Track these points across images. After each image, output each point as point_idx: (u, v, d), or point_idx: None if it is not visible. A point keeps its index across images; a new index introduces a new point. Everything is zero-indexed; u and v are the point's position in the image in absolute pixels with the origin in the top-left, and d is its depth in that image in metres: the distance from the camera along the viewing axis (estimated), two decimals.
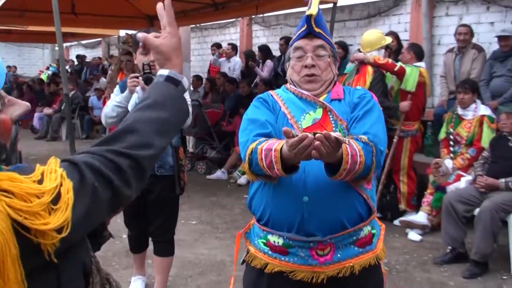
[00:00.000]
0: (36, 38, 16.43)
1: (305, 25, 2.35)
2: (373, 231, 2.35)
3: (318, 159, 1.94)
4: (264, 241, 2.31)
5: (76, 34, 15.00)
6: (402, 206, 6.38)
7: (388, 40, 6.33)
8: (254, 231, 2.39)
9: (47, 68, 20.16)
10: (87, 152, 1.34)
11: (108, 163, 1.31)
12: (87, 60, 18.02)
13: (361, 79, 6.02)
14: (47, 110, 14.18)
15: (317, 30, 2.34)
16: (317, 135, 1.85)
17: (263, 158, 2.08)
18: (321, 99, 2.34)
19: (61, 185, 1.20)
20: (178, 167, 3.94)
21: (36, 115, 14.77)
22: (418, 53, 6.46)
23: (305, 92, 2.35)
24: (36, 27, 12.36)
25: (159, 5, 1.58)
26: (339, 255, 2.23)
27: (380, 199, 6.31)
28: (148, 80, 3.67)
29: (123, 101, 3.81)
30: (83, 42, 20.14)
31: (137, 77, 3.71)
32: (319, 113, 2.31)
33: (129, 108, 3.84)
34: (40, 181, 1.20)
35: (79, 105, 13.80)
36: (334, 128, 2.24)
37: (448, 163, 5.87)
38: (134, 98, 3.76)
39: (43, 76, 18.54)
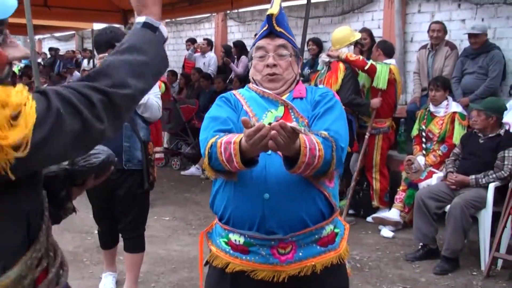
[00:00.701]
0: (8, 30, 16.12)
1: (267, 25, 2.36)
2: (336, 230, 2.34)
3: (275, 150, 1.93)
4: (226, 240, 2.29)
5: (49, 26, 14.77)
6: (375, 203, 6.43)
7: (357, 36, 6.35)
8: (216, 230, 2.37)
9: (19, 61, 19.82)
10: (61, 86, 1.35)
11: (79, 96, 1.32)
12: (61, 53, 17.78)
13: (333, 76, 6.05)
14: None
15: (278, 29, 2.35)
16: (272, 124, 1.85)
17: (223, 151, 2.06)
18: (283, 97, 2.35)
19: (25, 104, 1.20)
20: (147, 162, 3.90)
21: None
22: (385, 50, 6.50)
23: (267, 91, 2.36)
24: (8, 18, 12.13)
25: None
26: (300, 254, 2.22)
27: (353, 196, 6.35)
28: None
29: None
30: (56, 35, 19.84)
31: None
32: (281, 111, 2.31)
33: None
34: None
35: None
36: (294, 123, 2.21)
37: (421, 160, 5.92)
38: None
39: (15, 69, 18.23)
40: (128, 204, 3.95)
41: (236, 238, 2.25)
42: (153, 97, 3.92)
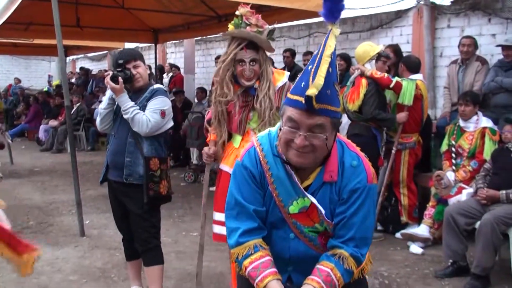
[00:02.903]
0: (41, 51, 16.52)
1: (303, 99, 2.06)
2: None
3: None
4: None
5: (82, 47, 15.10)
6: (404, 218, 6.36)
7: (378, 48, 6.29)
8: None
9: (49, 83, 20.29)
10: None
11: None
12: (93, 72, 18.10)
13: (355, 92, 6.04)
14: (53, 123, 14.26)
15: (317, 107, 2.06)
16: None
17: (247, 274, 2.27)
18: (311, 178, 2.25)
19: None
20: (147, 177, 3.95)
21: (42, 127, 14.84)
22: (409, 65, 6.47)
23: (295, 178, 2.23)
24: (42, 40, 12.44)
25: None
26: None
27: (381, 212, 6.29)
28: (114, 78, 3.91)
29: (104, 100, 4.17)
30: (89, 55, 20.27)
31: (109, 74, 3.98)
32: (307, 202, 2.25)
33: (103, 103, 4.07)
34: None
35: (84, 117, 13.86)
36: (320, 222, 2.28)
37: (450, 175, 5.84)
38: (109, 92, 4.05)
39: (45, 88, 18.62)
40: (136, 218, 4.05)
41: None
42: (149, 112, 3.94)
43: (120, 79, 3.92)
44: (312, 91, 2.00)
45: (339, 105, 2.16)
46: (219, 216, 3.91)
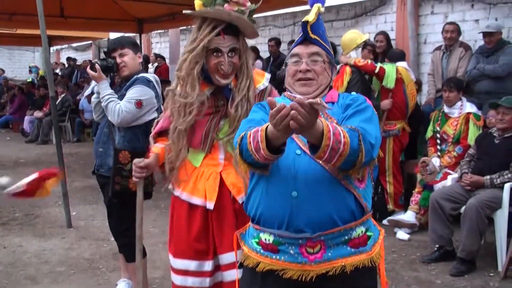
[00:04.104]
0: (25, 41, 16.37)
1: (301, 32, 2.40)
2: (369, 233, 2.30)
3: (298, 131, 1.91)
4: (257, 240, 2.31)
5: (66, 37, 14.99)
6: (390, 206, 6.42)
7: (365, 37, 6.38)
8: (249, 232, 2.40)
9: (30, 71, 20.08)
10: None
11: None
12: (78, 63, 17.98)
13: (339, 80, 6.07)
14: (38, 114, 14.13)
15: (313, 36, 2.39)
16: (290, 103, 1.84)
17: (251, 140, 2.07)
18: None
19: None
20: (114, 170, 3.77)
21: (27, 118, 14.73)
22: (391, 56, 6.62)
23: (300, 96, 2.23)
24: (25, 30, 12.33)
25: None
26: (330, 254, 2.20)
27: None
28: (92, 66, 3.87)
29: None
30: (74, 45, 20.10)
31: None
32: None
33: (88, 90, 4.02)
34: None
35: (69, 108, 13.79)
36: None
37: (436, 161, 5.89)
38: (94, 82, 3.99)
39: (29, 79, 18.47)
40: (110, 209, 4.02)
41: (266, 237, 2.26)
42: (124, 102, 3.80)
43: (97, 66, 3.85)
44: (308, 17, 2.35)
45: (330, 48, 2.47)
46: (181, 263, 3.00)
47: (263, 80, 3.04)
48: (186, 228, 2.98)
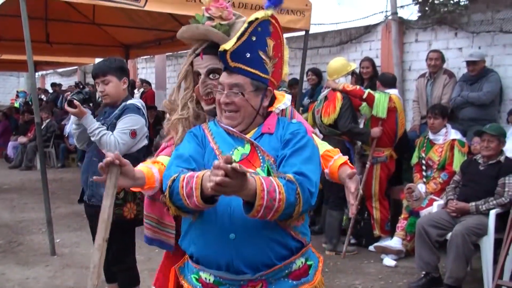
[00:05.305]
0: (10, 66, 16.31)
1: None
2: (309, 263, 2.27)
3: (222, 193, 1.86)
4: (197, 277, 2.25)
5: (51, 62, 14.94)
6: (377, 232, 6.41)
7: (353, 66, 6.47)
8: (188, 266, 2.32)
9: (17, 96, 19.98)
10: None
11: None
12: (63, 88, 17.91)
13: (331, 105, 6.12)
14: (22, 139, 14.01)
15: (233, 65, 2.23)
16: (214, 165, 1.77)
17: (184, 185, 2.01)
18: (250, 133, 2.27)
19: None
20: None
21: (10, 144, 14.57)
22: (383, 80, 6.60)
23: (231, 128, 2.27)
24: (11, 55, 12.30)
25: None
26: None
27: (354, 226, 6.34)
28: (70, 103, 3.83)
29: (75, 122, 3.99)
30: (59, 70, 20.06)
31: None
32: (247, 148, 2.23)
33: (69, 127, 3.98)
34: None
35: (54, 134, 13.69)
36: (262, 164, 2.18)
37: (421, 187, 5.92)
38: (72, 118, 3.97)
39: (16, 104, 18.36)
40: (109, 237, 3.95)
41: (206, 276, 2.20)
42: (117, 133, 3.79)
43: (76, 102, 3.78)
44: (224, 45, 2.22)
45: (266, 72, 2.28)
46: None
47: (284, 99, 2.65)
48: None
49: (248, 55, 2.23)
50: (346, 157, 2.56)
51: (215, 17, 2.45)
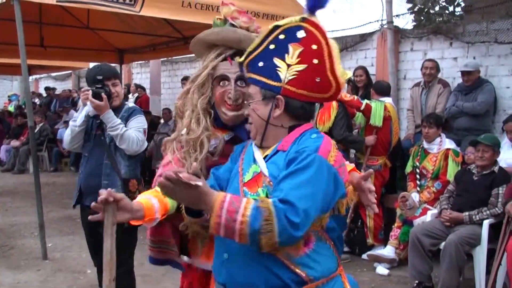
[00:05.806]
0: (3, 70, 16.26)
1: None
2: None
3: (169, 196, 1.88)
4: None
5: (45, 66, 14.91)
6: (370, 240, 6.40)
7: (349, 74, 6.44)
8: None
9: (9, 100, 19.92)
10: None
11: None
12: (57, 92, 17.87)
13: (326, 113, 6.11)
14: (14, 143, 13.98)
15: (248, 75, 2.17)
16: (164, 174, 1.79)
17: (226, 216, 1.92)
18: (269, 150, 2.14)
19: None
20: None
21: (3, 147, 14.54)
22: (377, 89, 6.62)
23: (255, 149, 2.20)
24: (4, 59, 12.24)
25: None
26: None
27: (347, 234, 6.33)
28: (97, 95, 3.78)
29: (78, 117, 3.96)
30: (53, 74, 20.03)
31: (88, 91, 3.84)
32: (258, 167, 2.14)
33: (79, 120, 3.90)
34: None
35: (47, 138, 13.65)
36: (263, 185, 2.06)
37: (415, 196, 5.92)
38: (85, 110, 3.88)
39: (10, 108, 18.30)
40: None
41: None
42: (134, 131, 3.90)
43: (103, 95, 3.80)
44: (238, 59, 2.20)
45: (278, 79, 2.08)
46: None
47: None
48: None
49: (261, 63, 2.11)
50: (352, 165, 2.55)
51: (242, 28, 2.42)
